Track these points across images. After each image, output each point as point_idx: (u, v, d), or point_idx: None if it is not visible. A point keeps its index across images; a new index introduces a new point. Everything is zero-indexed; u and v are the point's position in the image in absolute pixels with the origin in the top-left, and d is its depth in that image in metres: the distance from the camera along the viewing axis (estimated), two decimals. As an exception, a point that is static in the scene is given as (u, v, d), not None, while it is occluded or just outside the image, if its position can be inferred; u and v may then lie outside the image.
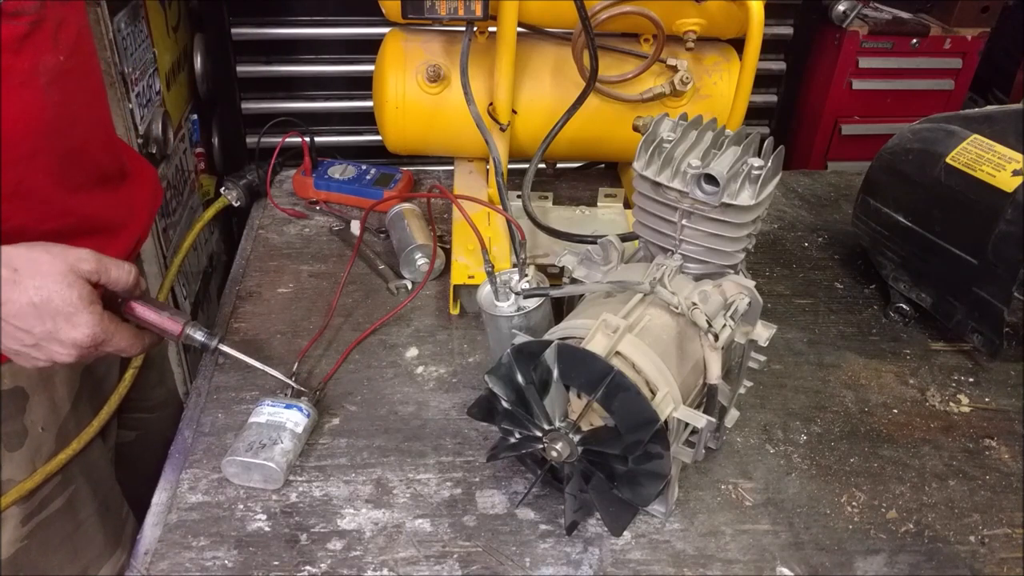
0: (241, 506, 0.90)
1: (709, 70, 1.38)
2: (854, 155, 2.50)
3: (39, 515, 0.97)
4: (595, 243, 0.97)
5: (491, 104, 1.34)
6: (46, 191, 0.87)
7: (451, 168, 1.54)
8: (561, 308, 1.04)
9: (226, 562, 0.84)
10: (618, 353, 0.81)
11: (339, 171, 1.47)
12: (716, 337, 0.84)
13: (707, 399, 0.90)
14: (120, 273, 0.83)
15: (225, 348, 0.96)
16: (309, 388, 1.04)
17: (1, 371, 0.90)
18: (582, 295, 0.97)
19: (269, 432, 0.94)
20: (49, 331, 0.77)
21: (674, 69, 1.34)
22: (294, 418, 0.96)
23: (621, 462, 0.80)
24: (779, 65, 2.41)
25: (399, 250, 1.29)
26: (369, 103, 1.44)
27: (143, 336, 0.87)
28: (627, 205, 1.45)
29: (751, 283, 0.89)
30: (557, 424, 0.83)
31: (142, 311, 0.89)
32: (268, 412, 0.96)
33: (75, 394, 1.00)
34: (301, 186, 1.48)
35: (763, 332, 0.90)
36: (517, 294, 0.99)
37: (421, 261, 1.27)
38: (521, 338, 0.87)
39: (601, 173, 1.66)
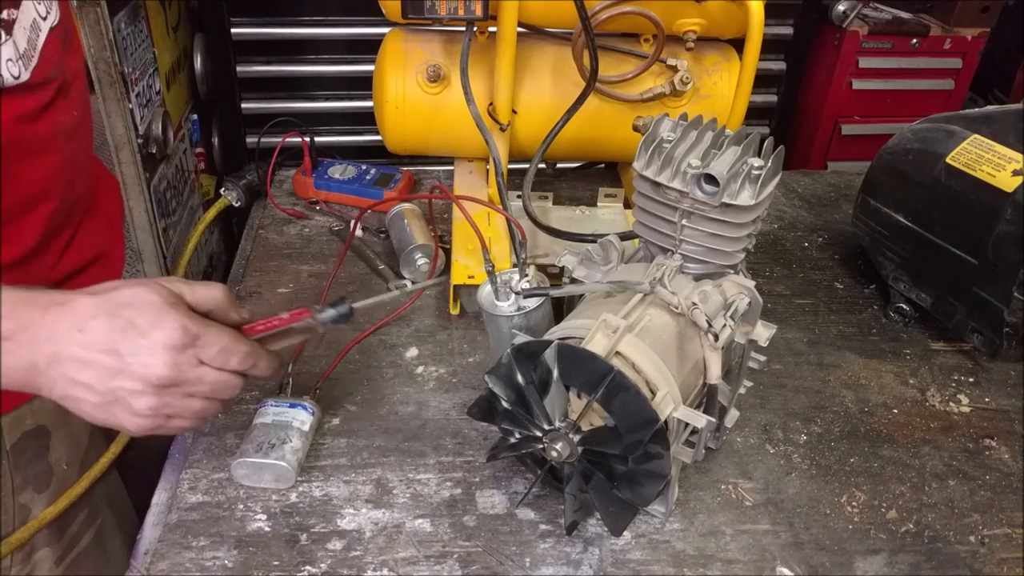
0: (241, 506, 0.90)
1: (709, 70, 1.38)
2: (854, 155, 2.49)
3: (71, 553, 0.96)
4: (595, 243, 0.97)
5: (491, 104, 1.34)
6: (54, 240, 0.86)
7: (451, 168, 1.53)
8: (561, 308, 1.04)
9: (226, 562, 0.84)
10: (618, 353, 0.81)
11: (339, 171, 1.47)
12: (716, 337, 0.84)
13: (707, 399, 0.90)
14: (208, 291, 0.75)
15: (358, 305, 0.85)
16: (308, 386, 1.04)
17: (23, 411, 0.89)
18: (582, 295, 0.97)
19: (277, 432, 0.94)
20: (132, 342, 0.66)
21: (674, 69, 1.34)
22: (300, 416, 0.96)
23: (621, 462, 0.80)
24: (779, 65, 2.40)
25: (399, 250, 1.28)
26: (369, 103, 1.44)
27: (266, 353, 0.78)
28: (627, 205, 1.45)
29: (751, 283, 0.89)
30: (557, 424, 0.83)
31: (264, 325, 0.79)
32: (273, 412, 0.96)
33: (91, 425, 0.98)
34: (301, 186, 1.48)
35: (763, 332, 0.90)
36: (517, 294, 0.99)
37: (421, 261, 1.27)
38: (521, 338, 0.86)
39: (601, 173, 1.66)
